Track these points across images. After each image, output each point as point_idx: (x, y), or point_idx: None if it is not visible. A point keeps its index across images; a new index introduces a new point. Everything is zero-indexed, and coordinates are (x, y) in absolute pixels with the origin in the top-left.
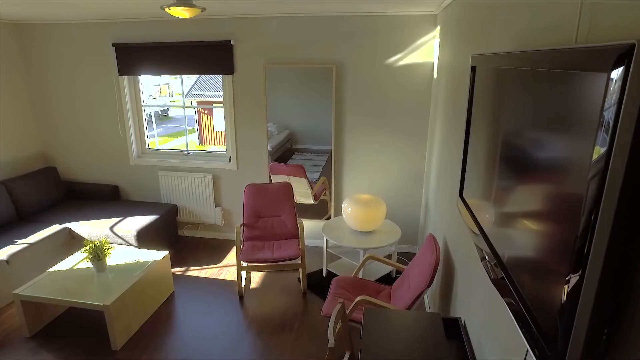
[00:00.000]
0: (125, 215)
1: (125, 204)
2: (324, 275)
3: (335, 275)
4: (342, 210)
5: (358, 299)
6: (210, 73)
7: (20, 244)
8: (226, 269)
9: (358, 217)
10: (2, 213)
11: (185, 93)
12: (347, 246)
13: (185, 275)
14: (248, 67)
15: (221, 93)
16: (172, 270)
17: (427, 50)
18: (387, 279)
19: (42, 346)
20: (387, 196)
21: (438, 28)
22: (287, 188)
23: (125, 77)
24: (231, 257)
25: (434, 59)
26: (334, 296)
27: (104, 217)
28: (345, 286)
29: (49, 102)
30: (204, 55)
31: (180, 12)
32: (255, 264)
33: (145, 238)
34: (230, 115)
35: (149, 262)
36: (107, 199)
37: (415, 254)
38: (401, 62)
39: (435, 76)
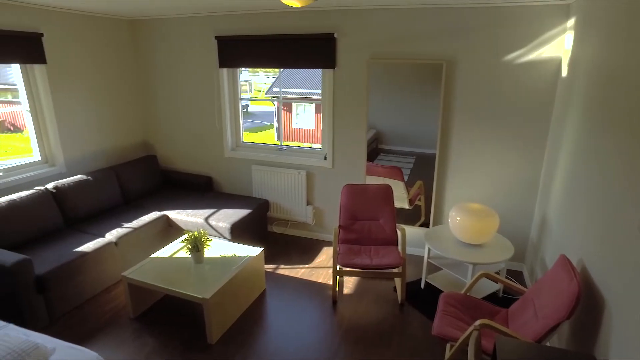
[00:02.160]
0: (219, 207)
1: (218, 195)
2: (422, 286)
3: (435, 287)
4: (449, 218)
5: (478, 323)
6: (311, 67)
7: (126, 228)
8: (317, 270)
9: (467, 228)
10: (112, 196)
11: (266, 90)
12: (452, 258)
13: (276, 273)
14: (350, 61)
15: (304, 90)
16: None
17: (554, 46)
18: (493, 298)
19: (143, 329)
20: (494, 207)
21: (573, 20)
22: (388, 191)
23: (225, 70)
24: (322, 258)
25: (564, 55)
26: (444, 314)
27: (198, 207)
28: (455, 304)
29: (153, 93)
30: (305, 48)
31: (292, 2)
32: (349, 269)
33: (238, 232)
34: (329, 112)
35: (245, 257)
36: (201, 190)
37: (521, 272)
38: (521, 59)
39: (564, 74)
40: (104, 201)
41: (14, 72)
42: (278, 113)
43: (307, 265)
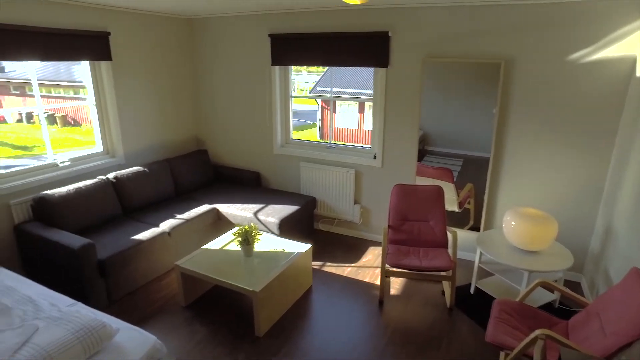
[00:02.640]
0: (267, 202)
1: (266, 191)
2: (472, 292)
3: (485, 293)
4: (504, 223)
5: (538, 332)
6: (363, 65)
7: (179, 219)
8: (363, 270)
9: (524, 234)
10: (166, 187)
11: (310, 89)
12: (506, 264)
13: (322, 270)
14: (404, 60)
15: (347, 89)
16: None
17: (626, 44)
18: (548, 309)
19: (194, 317)
20: (550, 213)
21: None
22: (439, 192)
23: (277, 67)
24: (368, 257)
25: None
26: (499, 322)
27: (247, 202)
28: (511, 312)
29: (206, 90)
30: (358, 46)
31: (351, 0)
32: (397, 270)
33: (285, 228)
34: (380, 110)
35: (294, 253)
36: (249, 185)
37: (579, 283)
38: (587, 59)
39: (639, 74)
40: (158, 192)
41: (78, 69)
42: (321, 112)
43: (353, 264)
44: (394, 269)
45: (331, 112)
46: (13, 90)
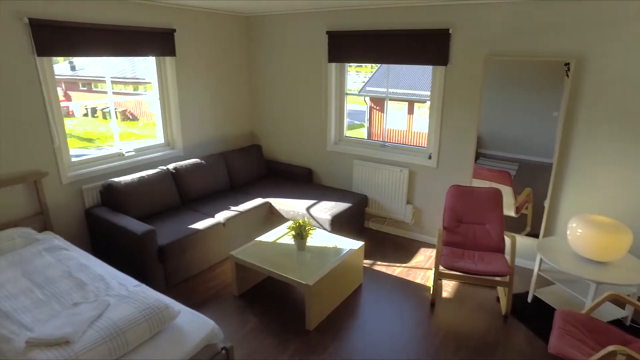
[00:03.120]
0: (319, 199)
1: (318, 187)
2: (529, 300)
3: (544, 303)
4: (568, 230)
5: (612, 348)
6: (421, 63)
7: (233, 211)
8: (414, 271)
9: (592, 243)
10: (221, 180)
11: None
12: (570, 273)
13: (372, 268)
14: (464, 58)
15: (397, 90)
16: None
17: None
18: (617, 326)
19: (246, 307)
20: (624, 222)
21: None
22: (497, 195)
23: (333, 65)
24: (419, 259)
25: None
26: (564, 333)
27: (299, 197)
28: (576, 324)
29: (262, 86)
30: (416, 44)
31: None
32: (450, 272)
33: (337, 224)
34: (438, 110)
35: (346, 250)
36: (301, 181)
37: None
38: None
39: None
40: (213, 184)
41: (138, 67)
42: (370, 112)
43: (403, 264)
44: (448, 271)
45: (385, 110)
46: (81, 87)
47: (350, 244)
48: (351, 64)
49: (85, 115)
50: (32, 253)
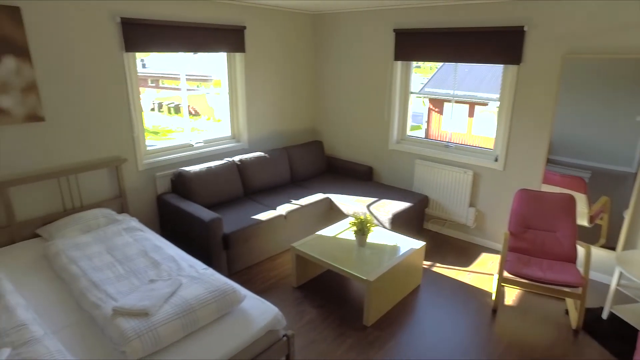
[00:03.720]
0: (379, 196)
1: (378, 186)
2: (604, 316)
3: (622, 321)
4: None
5: None
6: (492, 62)
7: (294, 204)
8: (475, 275)
9: None
10: (283, 174)
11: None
12: None
13: (431, 270)
14: (540, 57)
15: (457, 92)
16: None
17: None
18: None
19: (304, 299)
20: None
21: None
22: (570, 202)
23: (399, 63)
24: (481, 263)
25: None
26: None
27: (359, 194)
28: None
29: (326, 83)
30: (487, 42)
31: None
32: (516, 279)
33: (397, 223)
34: (507, 110)
35: (407, 248)
36: (361, 178)
37: None
38: None
39: None
40: (276, 177)
41: (204, 64)
42: (428, 114)
43: (464, 268)
44: (513, 278)
45: (451, 111)
46: (150, 83)
47: (411, 244)
48: (419, 62)
49: (152, 109)
50: (113, 232)
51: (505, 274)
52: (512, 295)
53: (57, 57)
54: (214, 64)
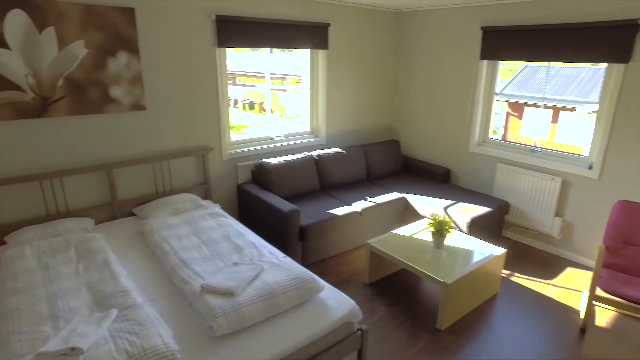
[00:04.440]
0: (457, 199)
1: (455, 188)
2: None
3: None
4: None
5: None
6: (593, 60)
7: (369, 202)
8: (559, 290)
9: None
10: (359, 171)
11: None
12: None
13: (510, 279)
14: None
15: (534, 94)
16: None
17: None
18: None
19: (376, 296)
20: None
21: None
22: None
23: (484, 62)
24: (566, 277)
25: None
26: None
27: (435, 196)
28: None
29: (405, 81)
30: (588, 38)
31: None
32: (612, 298)
33: (475, 228)
34: (607, 115)
35: (486, 254)
36: (438, 180)
37: None
38: None
39: None
40: (352, 174)
41: (286, 62)
42: (506, 118)
43: (546, 281)
44: (609, 297)
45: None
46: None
47: (490, 249)
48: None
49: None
50: (199, 216)
51: (599, 291)
52: (604, 315)
53: (159, 52)
54: (295, 61)
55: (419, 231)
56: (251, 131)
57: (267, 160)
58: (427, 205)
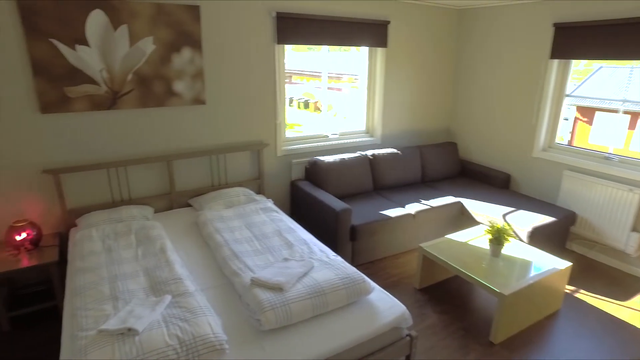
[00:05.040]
0: (517, 207)
1: (515, 195)
2: None
3: None
4: None
5: None
6: None
7: (424, 204)
8: (634, 313)
9: None
10: (414, 172)
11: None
12: None
13: (573, 296)
14: None
15: (604, 98)
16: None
17: None
18: None
19: (427, 302)
20: None
21: None
22: None
23: (555, 62)
24: None
25: None
26: None
27: (493, 202)
28: None
29: (465, 81)
30: None
31: None
32: None
33: (536, 238)
34: None
35: (548, 267)
36: (496, 185)
37: None
38: None
39: None
40: (406, 175)
41: (336, 61)
42: (573, 123)
43: (618, 302)
44: None
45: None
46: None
47: (553, 262)
48: (579, 60)
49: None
50: (252, 210)
51: None
52: None
53: (220, 48)
54: (350, 60)
55: (475, 238)
56: (306, 129)
57: (321, 158)
58: (485, 211)
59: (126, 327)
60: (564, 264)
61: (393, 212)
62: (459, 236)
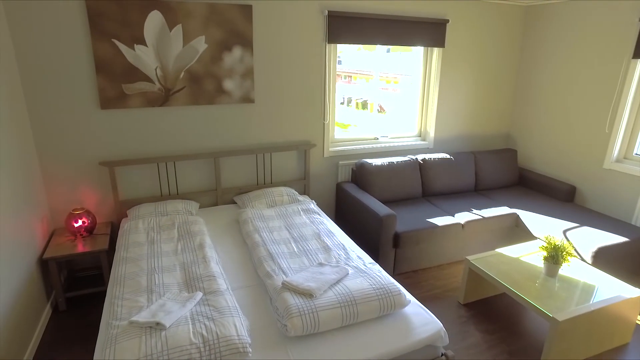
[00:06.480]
0: (581, 223)
1: (580, 209)
2: None
3: None
4: None
5: None
6: None
7: (475, 214)
8: None
9: None
10: (467, 180)
11: None
12: None
13: None
14: None
15: None
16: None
17: None
18: None
19: (470, 318)
20: None
21: None
22: None
23: (638, 62)
24: None
25: None
26: None
27: (554, 216)
28: None
29: (529, 84)
30: None
31: None
32: None
33: (602, 259)
34: None
35: (615, 294)
36: (558, 198)
37: None
38: None
39: None
40: (458, 182)
41: (395, 62)
42: None
43: None
44: None
45: None
46: (343, 78)
47: (622, 288)
48: None
49: (342, 103)
50: (293, 211)
51: None
52: None
53: (270, 48)
54: (402, 60)
55: (530, 254)
56: (359, 130)
57: (369, 161)
58: (543, 225)
59: (155, 321)
60: (634, 292)
61: (441, 221)
62: (511, 251)
